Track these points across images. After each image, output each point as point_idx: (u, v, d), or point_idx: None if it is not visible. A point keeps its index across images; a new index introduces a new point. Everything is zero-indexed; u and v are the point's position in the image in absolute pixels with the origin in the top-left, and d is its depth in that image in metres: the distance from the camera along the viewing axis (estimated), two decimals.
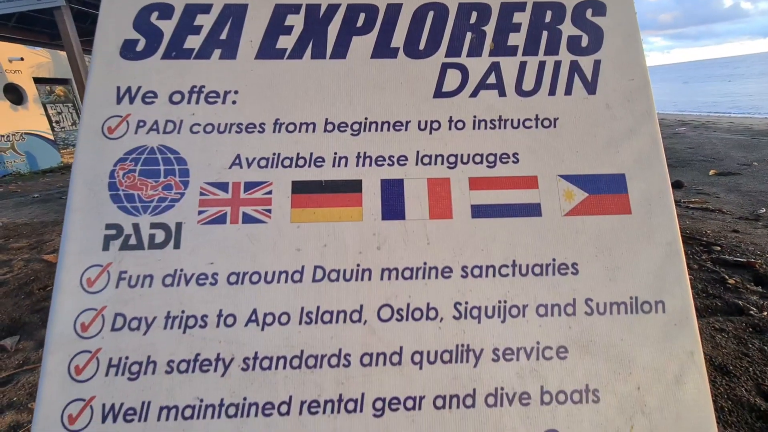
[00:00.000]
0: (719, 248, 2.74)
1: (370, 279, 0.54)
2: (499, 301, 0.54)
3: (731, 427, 1.52)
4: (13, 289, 2.67)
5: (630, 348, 0.53)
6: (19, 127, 5.30)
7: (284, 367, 0.51)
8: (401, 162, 0.58)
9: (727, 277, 2.81)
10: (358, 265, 0.54)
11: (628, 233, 0.56)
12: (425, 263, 0.55)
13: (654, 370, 0.53)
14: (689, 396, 0.52)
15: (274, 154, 0.58)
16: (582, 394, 0.52)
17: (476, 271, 0.55)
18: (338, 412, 0.50)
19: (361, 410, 0.50)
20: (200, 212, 0.55)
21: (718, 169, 4.23)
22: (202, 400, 0.50)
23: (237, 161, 0.57)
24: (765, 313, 1.93)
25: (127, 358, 0.50)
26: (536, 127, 0.60)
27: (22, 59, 5.23)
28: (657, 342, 0.53)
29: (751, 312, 2.01)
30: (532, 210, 0.57)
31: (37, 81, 5.54)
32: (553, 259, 0.56)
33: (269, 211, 0.56)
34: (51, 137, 5.70)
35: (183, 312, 0.52)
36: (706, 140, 5.81)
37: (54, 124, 5.99)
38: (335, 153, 0.58)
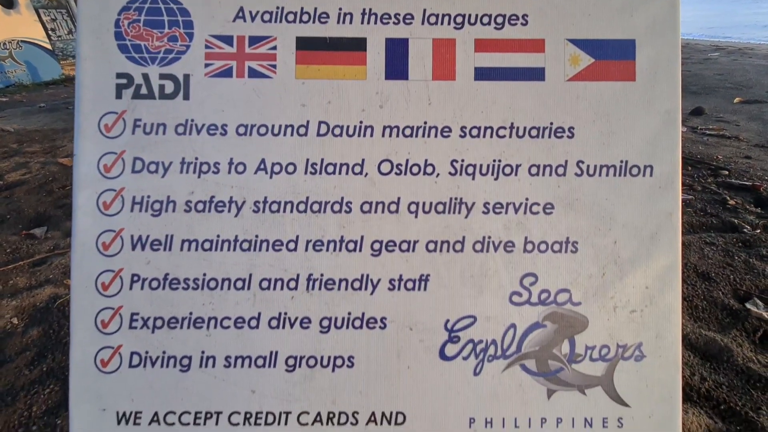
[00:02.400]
0: (727, 172, 2.72)
1: (372, 135, 0.57)
2: (494, 160, 0.57)
3: (702, 322, 1.65)
4: (35, 188, 2.78)
5: (613, 207, 0.57)
6: (14, 34, 5.07)
7: (291, 211, 0.56)
8: (407, 21, 0.57)
9: (728, 198, 2.82)
10: (361, 122, 0.57)
11: (629, 100, 0.57)
12: (425, 122, 0.57)
13: (633, 227, 0.57)
14: (661, 251, 0.57)
15: (277, 7, 0.57)
16: (562, 245, 0.57)
17: (474, 132, 0.57)
18: (340, 250, 0.56)
19: (360, 250, 0.56)
20: (206, 65, 0.56)
21: (744, 96, 4.01)
22: (218, 236, 0.56)
23: (240, 14, 0.57)
24: (758, 231, 1.98)
25: (149, 196, 0.55)
26: None
27: None
28: (640, 203, 0.57)
29: (745, 230, 2.06)
30: (536, 74, 0.57)
31: None
32: (551, 123, 0.57)
33: (274, 66, 0.57)
34: (49, 47, 5.47)
35: (196, 158, 0.56)
36: (738, 67, 5.41)
37: (50, 33, 5.71)
38: (340, 9, 0.57)
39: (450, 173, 0.56)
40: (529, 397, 0.57)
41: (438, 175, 0.56)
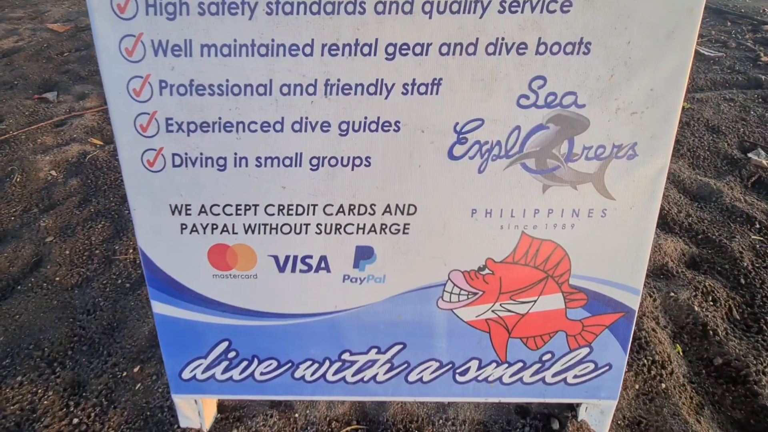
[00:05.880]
0: None
1: None
2: None
3: (700, 169, 1.71)
4: (32, 54, 2.67)
5: (634, 2, 0.55)
6: None
7: (305, 13, 0.56)
8: None
9: (762, 54, 2.60)
10: None
11: None
12: None
13: (649, 24, 0.56)
14: (674, 51, 0.57)
15: None
16: (575, 47, 0.57)
17: None
18: (355, 54, 0.58)
19: (374, 54, 0.58)
20: None
21: None
22: (235, 40, 0.57)
23: None
24: None
25: None
26: None
27: None
28: None
29: None
30: None
31: None
32: None
33: None
34: None
35: None
36: None
37: None
38: None
39: None
40: (526, 191, 0.64)
41: None
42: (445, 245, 0.67)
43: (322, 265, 0.69)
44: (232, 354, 0.74)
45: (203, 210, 0.65)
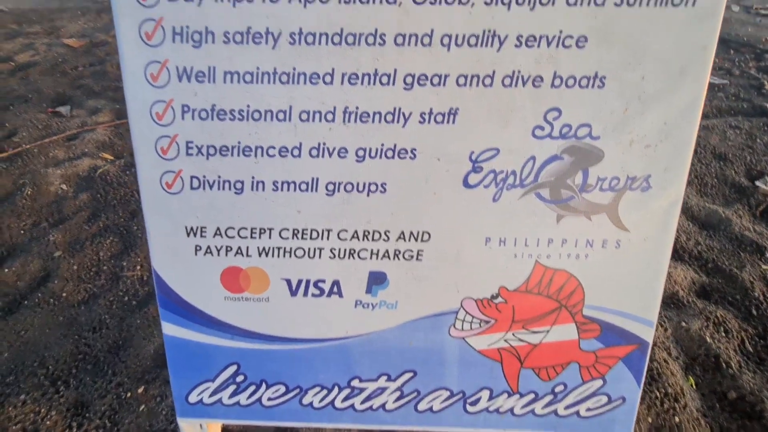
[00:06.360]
0: None
1: None
2: None
3: (708, 197, 1.71)
4: (47, 69, 2.73)
5: (647, 39, 0.56)
6: None
7: (326, 43, 0.57)
8: None
9: (766, 83, 2.64)
10: None
11: None
12: None
13: (663, 61, 0.57)
14: (687, 86, 0.58)
15: None
16: (590, 80, 0.58)
17: None
18: (374, 84, 0.59)
19: (393, 83, 0.59)
20: None
21: None
22: (258, 68, 0.58)
23: None
24: None
25: (187, 27, 0.57)
26: None
27: None
28: (675, 35, 0.56)
29: None
30: None
31: None
32: None
33: None
34: None
35: None
36: None
37: None
38: None
39: (485, 2, 0.56)
40: (540, 220, 0.64)
41: (473, 5, 0.56)
42: (459, 272, 0.67)
43: (335, 289, 0.69)
44: (240, 378, 0.73)
45: (218, 232, 0.66)
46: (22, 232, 1.44)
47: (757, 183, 1.72)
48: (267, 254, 0.67)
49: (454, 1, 0.56)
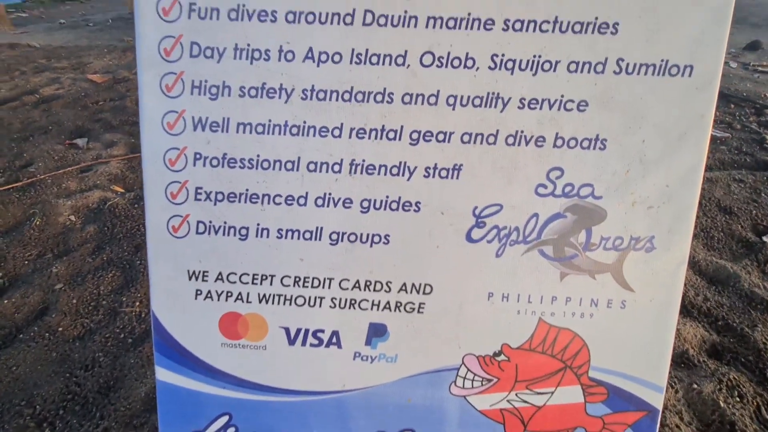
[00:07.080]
0: None
1: (416, 26, 0.58)
2: (534, 56, 0.58)
3: (715, 251, 1.70)
4: (70, 102, 2.85)
5: (646, 106, 0.58)
6: None
7: (337, 100, 0.60)
8: None
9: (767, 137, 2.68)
10: (406, 12, 0.58)
11: None
12: (469, 14, 0.57)
13: (663, 127, 0.59)
14: (686, 152, 0.59)
15: None
16: (591, 142, 0.60)
17: (517, 25, 0.57)
18: (380, 138, 0.61)
19: (399, 139, 0.61)
20: None
21: None
22: (270, 120, 0.61)
23: None
24: None
25: (206, 81, 0.60)
26: None
27: None
28: (674, 103, 0.58)
29: None
30: None
31: None
32: (596, 18, 0.57)
33: None
34: None
35: (248, 45, 0.59)
36: None
37: None
38: None
39: (489, 67, 0.58)
40: (544, 277, 0.64)
41: (478, 69, 0.58)
42: (460, 327, 0.66)
43: (334, 340, 0.67)
44: (231, 430, 0.71)
45: (220, 277, 0.66)
46: (26, 262, 1.45)
47: (765, 239, 1.71)
48: (267, 301, 0.66)
49: (460, 65, 0.59)
